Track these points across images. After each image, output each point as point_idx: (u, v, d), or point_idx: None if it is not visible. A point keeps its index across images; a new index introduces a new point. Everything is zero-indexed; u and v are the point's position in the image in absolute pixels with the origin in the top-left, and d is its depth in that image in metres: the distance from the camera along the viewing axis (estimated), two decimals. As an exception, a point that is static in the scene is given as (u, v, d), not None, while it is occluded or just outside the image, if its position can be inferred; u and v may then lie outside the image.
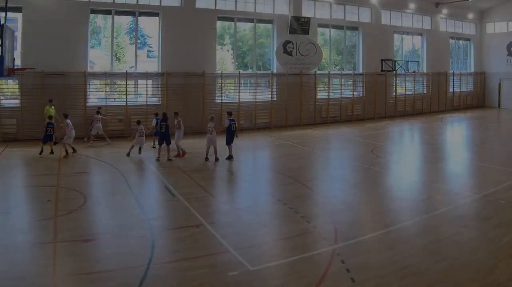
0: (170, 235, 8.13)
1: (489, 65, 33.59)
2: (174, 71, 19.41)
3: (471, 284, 6.22)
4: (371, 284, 6.17)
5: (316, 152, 16.52)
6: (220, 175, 13.11)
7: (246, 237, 7.94)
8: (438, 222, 8.85)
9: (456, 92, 31.84)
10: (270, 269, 6.75)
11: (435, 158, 15.88)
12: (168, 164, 13.75)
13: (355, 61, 26.61)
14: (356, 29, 26.23)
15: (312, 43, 23.49)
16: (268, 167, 14.70)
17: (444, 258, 6.99)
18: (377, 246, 7.62)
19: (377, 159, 15.16)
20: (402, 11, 28.11)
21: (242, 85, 21.88)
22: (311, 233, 8.23)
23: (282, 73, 22.73)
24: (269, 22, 22.94)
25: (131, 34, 19.79)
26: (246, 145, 17.17)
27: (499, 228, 8.44)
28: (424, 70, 29.46)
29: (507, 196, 10.61)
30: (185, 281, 6.21)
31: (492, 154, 16.81)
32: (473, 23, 33.20)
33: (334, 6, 24.92)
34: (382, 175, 13.22)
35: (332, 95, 24.82)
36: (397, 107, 27.77)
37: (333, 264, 6.78)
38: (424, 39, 29.71)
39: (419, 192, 11.52)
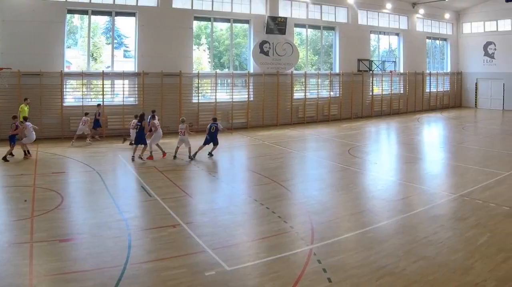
0: (146, 235, 8.56)
1: (466, 65, 36.12)
2: (151, 71, 20.77)
3: (448, 284, 6.63)
4: (348, 284, 6.57)
5: (293, 152, 17.64)
6: (197, 175, 13.98)
7: (223, 237, 8.43)
8: (415, 222, 9.46)
9: (433, 92, 34.22)
10: (247, 269, 7.13)
11: (412, 157, 16.91)
12: (145, 163, 14.76)
13: (331, 61, 28.52)
14: (333, 29, 28.10)
15: (288, 43, 25.15)
16: (245, 167, 15.63)
17: (421, 258, 7.48)
18: (354, 246, 8.13)
19: (354, 159, 16.24)
20: (378, 11, 30.18)
21: (218, 85, 23.44)
22: (288, 233, 8.73)
23: (258, 73, 24.36)
24: (246, 22, 24.53)
25: (108, 34, 21.08)
26: (223, 144, 18.27)
27: (476, 228, 9.04)
28: (400, 70, 31.67)
29: (484, 196, 11.33)
30: (161, 281, 6.59)
31: (468, 154, 17.86)
32: (450, 23, 35.62)
33: (311, 6, 26.70)
34: (359, 175, 14.13)
35: (308, 95, 26.64)
36: (374, 107, 29.73)
37: (310, 264, 7.22)
38: (401, 39, 31.92)
39: (396, 191, 12.27)
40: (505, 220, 9.51)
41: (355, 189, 12.44)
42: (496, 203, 10.73)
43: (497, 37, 33.72)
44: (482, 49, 34.76)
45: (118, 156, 15.98)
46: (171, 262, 7.23)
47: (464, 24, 36.21)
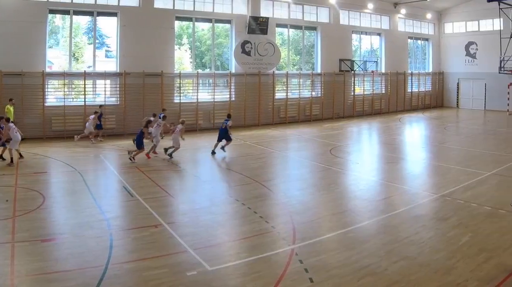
0: (128, 235, 8.97)
1: (448, 65, 38.16)
2: (133, 71, 21.88)
3: (429, 284, 6.97)
4: (330, 284, 6.91)
5: (275, 152, 18.53)
6: (179, 175, 14.71)
7: (205, 237, 8.86)
8: (396, 222, 9.94)
9: (415, 92, 36.14)
10: (229, 269, 7.49)
11: (394, 157, 17.79)
12: (127, 163, 15.51)
13: (313, 61, 30.09)
14: (315, 29, 29.63)
15: (270, 43, 26.50)
16: (227, 167, 16.24)
17: (403, 257, 7.89)
18: (336, 246, 8.56)
19: (335, 159, 17.03)
20: (360, 11, 31.88)
21: (200, 85, 24.63)
22: (270, 233, 9.18)
23: (240, 73, 25.69)
24: (228, 22, 25.84)
25: (90, 34, 22.15)
26: (204, 144, 19.41)
27: (457, 228, 9.51)
28: (382, 70, 33.50)
29: (466, 196, 11.90)
30: (143, 281, 6.93)
31: (450, 154, 18.67)
32: (432, 23, 37.58)
33: (293, 6, 28.15)
34: (340, 175, 14.83)
35: (290, 95, 28.11)
36: (356, 107, 31.35)
37: (292, 264, 7.60)
38: (383, 39, 33.73)
39: (378, 191, 12.86)
40: (486, 220, 10.00)
41: (337, 189, 13.11)
42: (478, 203, 11.26)
43: (479, 37, 35.70)
44: (464, 49, 36.74)
45: (100, 156, 16.83)
46: (153, 262, 7.61)
47: (445, 24, 38.24)
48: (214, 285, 6.86)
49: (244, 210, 10.67)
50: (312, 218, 10.20)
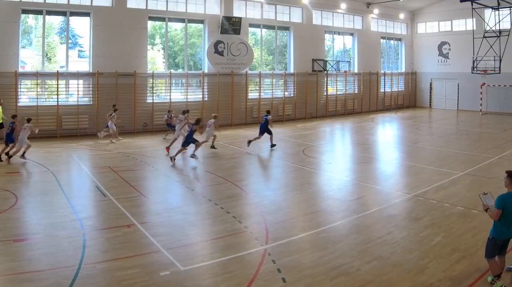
0: (101, 235, 9.48)
1: (420, 65, 41.00)
2: (105, 71, 23.48)
3: (402, 284, 7.39)
4: (302, 284, 7.33)
5: (248, 152, 19.44)
6: (151, 174, 15.39)
7: (178, 237, 9.39)
8: (369, 222, 10.54)
9: (387, 92, 38.85)
10: (202, 269, 7.94)
11: (367, 157, 18.84)
12: (100, 163, 16.65)
13: (286, 61, 32.30)
14: (288, 29, 31.80)
15: (243, 43, 28.42)
16: (200, 167, 17.04)
17: (376, 257, 8.38)
18: (309, 246, 9.09)
19: (308, 159, 18.03)
20: (333, 11, 34.27)
21: (173, 85, 26.42)
22: (242, 233, 9.71)
23: (213, 73, 27.57)
24: (200, 22, 27.71)
25: (62, 34, 23.60)
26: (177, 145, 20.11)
27: (430, 228, 10.09)
28: (355, 70, 35.99)
29: (438, 195, 12.60)
30: (116, 281, 7.30)
31: (423, 154, 19.79)
32: (405, 23, 40.37)
33: (265, 6, 30.24)
34: (313, 175, 15.69)
35: (263, 95, 30.21)
36: (328, 107, 33.60)
37: (265, 264, 8.07)
38: (355, 39, 36.25)
39: (351, 191, 13.59)
40: (459, 220, 10.60)
41: (310, 189, 13.87)
42: (451, 203, 11.93)
43: (452, 37, 38.53)
44: (437, 49, 39.57)
45: (73, 156, 17.91)
46: (126, 262, 8.06)
47: (418, 24, 41.10)
48: (187, 285, 7.28)
49: (217, 210, 11.30)
50: (285, 218, 10.85)
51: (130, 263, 8.05)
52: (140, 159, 17.49)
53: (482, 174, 15.25)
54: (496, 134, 25.21)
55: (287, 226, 10.28)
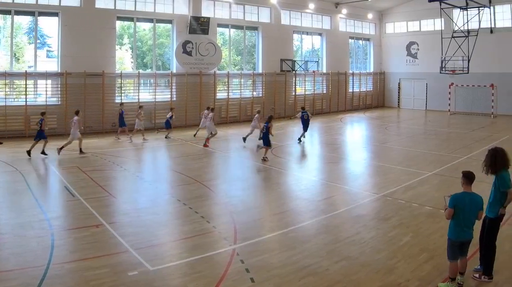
0: (69, 235, 9.96)
1: (389, 65, 43.96)
2: (74, 71, 25.11)
3: (371, 284, 7.79)
4: (271, 284, 7.73)
5: (216, 152, 20.65)
6: (120, 174, 16.22)
7: (146, 237, 9.90)
8: (338, 222, 11.11)
9: (356, 92, 41.63)
10: (170, 269, 8.36)
11: (335, 157, 19.82)
12: (69, 163, 17.58)
13: (254, 61, 34.61)
14: (256, 29, 34.07)
15: (211, 43, 30.42)
16: (168, 167, 18.18)
17: (344, 257, 8.83)
18: (277, 246, 9.57)
19: (277, 159, 18.92)
20: (301, 11, 36.75)
21: (141, 85, 28.22)
22: (211, 233, 10.25)
23: (181, 73, 29.50)
24: (169, 22, 29.61)
25: (31, 34, 25.07)
26: (146, 144, 22.10)
27: (398, 228, 10.64)
28: (323, 70, 38.55)
29: (407, 196, 13.30)
30: (84, 281, 7.68)
31: (391, 154, 20.84)
32: (373, 23, 43.30)
33: (234, 6, 32.37)
34: (282, 175, 16.47)
35: (231, 95, 32.37)
36: (297, 108, 35.76)
37: (233, 264, 8.49)
38: (324, 39, 38.87)
39: (319, 191, 14.35)
40: (427, 220, 11.20)
41: (278, 189, 14.59)
42: (419, 203, 12.60)
43: (420, 37, 41.40)
44: (405, 49, 42.48)
45: (41, 155, 18.64)
46: (94, 262, 8.47)
47: (387, 24, 44.07)
48: (156, 285, 7.70)
49: (185, 210, 11.93)
50: (254, 218, 11.43)
51: (98, 263, 8.47)
52: (108, 159, 18.51)
53: (450, 174, 16.08)
54: (464, 134, 26.69)
55: (255, 226, 10.87)
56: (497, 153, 8.04)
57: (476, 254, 8.53)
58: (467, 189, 7.59)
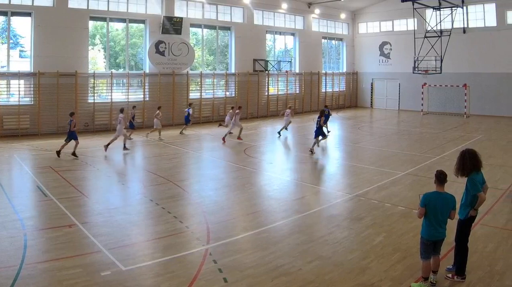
0: (42, 235, 10.22)
1: (362, 65, 46.09)
2: (47, 71, 26.29)
3: (343, 284, 8.01)
4: (244, 284, 7.96)
5: (189, 152, 21.48)
6: (93, 175, 16.81)
7: (119, 237, 10.20)
8: (311, 222, 11.52)
9: (329, 92, 43.69)
10: (143, 269, 8.63)
11: (308, 157, 20.33)
12: (41, 163, 18.12)
13: (227, 61, 36.22)
14: (229, 29, 35.74)
15: (184, 43, 31.90)
16: (141, 167, 18.80)
17: (317, 257, 9.13)
18: (250, 246, 9.85)
19: (249, 159, 19.78)
20: (274, 11, 38.56)
21: (114, 85, 29.51)
22: (184, 233, 10.60)
23: (154, 73, 30.93)
24: (142, 22, 31.01)
25: (3, 34, 26.16)
26: (119, 144, 22.17)
27: (371, 228, 10.98)
28: (296, 70, 40.42)
29: (380, 195, 13.74)
30: (57, 281, 7.87)
31: (364, 154, 21.59)
32: (346, 23, 45.47)
33: (207, 6, 33.92)
34: (255, 175, 17.13)
35: (204, 95, 33.92)
36: (270, 107, 37.69)
37: (206, 264, 8.77)
38: (297, 39, 40.77)
39: (292, 191, 14.94)
40: (400, 220, 11.53)
41: (251, 188, 15.07)
42: (392, 203, 13.03)
43: (393, 37, 43.47)
44: (378, 49, 44.61)
45: (14, 156, 19.42)
46: (67, 262, 8.71)
47: (360, 24, 46.22)
48: (128, 285, 7.90)
49: (158, 210, 12.38)
50: (226, 218, 11.86)
51: (71, 263, 8.72)
52: (81, 159, 19.13)
53: (423, 174, 16.73)
54: (437, 134, 27.81)
55: (228, 226, 11.28)
56: (466, 155, 8.27)
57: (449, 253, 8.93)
58: (440, 189, 7.88)
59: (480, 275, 8.45)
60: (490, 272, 8.62)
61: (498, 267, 8.81)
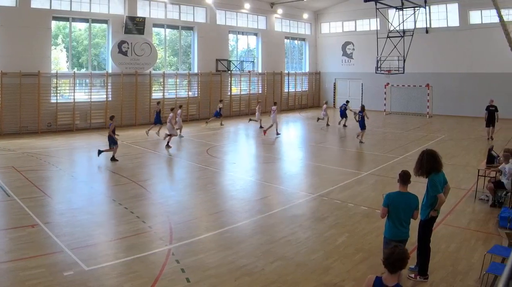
0: (4, 235, 10.51)
1: (324, 65, 48.65)
2: (9, 71, 27.66)
3: (306, 284, 8.36)
4: (207, 284, 8.27)
5: (152, 152, 22.36)
6: (56, 175, 17.35)
7: (82, 237, 10.55)
8: (273, 222, 11.95)
9: (292, 92, 46.06)
10: (106, 269, 8.87)
11: (271, 157, 21.34)
12: (4, 163, 18.74)
13: (190, 61, 38.12)
14: (191, 29, 37.71)
15: (147, 43, 33.69)
16: (104, 167, 19.11)
17: (280, 257, 9.47)
18: (213, 246, 10.21)
19: (212, 159, 20.51)
20: (237, 11, 40.79)
21: (77, 85, 31.03)
22: (147, 233, 11.00)
23: (117, 73, 32.60)
24: (104, 22, 32.68)
25: (-34, 34, 27.40)
26: (81, 145, 23.93)
27: (334, 228, 11.41)
28: (259, 70, 42.68)
29: (343, 196, 14.30)
30: (20, 281, 8.12)
31: (327, 154, 22.45)
32: (308, 23, 48.08)
33: (169, 6, 35.79)
34: (217, 175, 17.84)
35: (167, 95, 35.74)
36: (232, 107, 39.83)
37: (169, 264, 9.05)
38: (259, 39, 43.15)
39: (255, 191, 15.50)
40: (363, 220, 12.02)
41: (214, 189, 15.73)
42: (355, 203, 13.59)
43: (355, 37, 45.93)
44: (341, 49, 47.11)
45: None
46: (30, 262, 8.97)
47: (322, 24, 48.77)
48: (91, 285, 8.18)
49: (121, 210, 12.77)
50: (189, 218, 12.34)
51: (34, 263, 8.99)
52: (44, 159, 19.85)
53: (386, 173, 17.40)
54: (400, 134, 29.21)
55: (191, 226, 11.70)
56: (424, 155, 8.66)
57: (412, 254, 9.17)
58: (402, 189, 8.14)
59: (443, 275, 8.88)
60: (453, 272, 9.05)
61: (461, 267, 9.24)
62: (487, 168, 14.96)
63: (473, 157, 21.27)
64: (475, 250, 10.11)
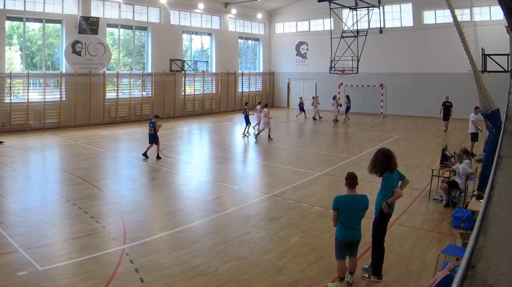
0: None
1: (278, 65, 51.30)
2: (-37, 71, 29.19)
3: (260, 284, 8.78)
4: (160, 284, 8.65)
5: (105, 152, 23.26)
6: (10, 175, 17.78)
7: (35, 237, 10.82)
8: (227, 222, 12.38)
9: (245, 92, 48.62)
10: (60, 269, 9.21)
11: (224, 157, 22.09)
12: None
13: (144, 61, 40.31)
14: (145, 29, 39.90)
15: (101, 43, 35.71)
16: (57, 167, 19.86)
17: (233, 258, 9.85)
18: (166, 246, 10.57)
19: (166, 159, 21.18)
20: (191, 11, 43.18)
21: (31, 85, 32.78)
22: (100, 233, 11.32)
23: (71, 73, 34.46)
24: (58, 22, 34.51)
25: None
26: (35, 145, 24.81)
27: (288, 228, 11.84)
28: (213, 70, 45.10)
29: (296, 195, 14.79)
30: None
31: (281, 154, 23.32)
32: (262, 23, 50.83)
33: (123, 6, 37.85)
34: (171, 175, 18.44)
35: (121, 95, 37.77)
36: (186, 107, 42.18)
37: (122, 264, 9.42)
38: (213, 39, 45.60)
39: (209, 191, 16.08)
40: (316, 220, 12.48)
41: (168, 189, 16.30)
42: (308, 203, 14.06)
43: (309, 37, 48.57)
44: (295, 49, 49.72)
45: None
46: None
47: (276, 24, 51.42)
48: (45, 285, 8.40)
49: (74, 210, 13.21)
50: (143, 218, 12.77)
51: None
52: None
53: (340, 173, 17.42)
54: (354, 134, 30.59)
55: (145, 226, 12.12)
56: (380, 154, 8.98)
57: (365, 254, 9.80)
58: (351, 192, 8.54)
59: (396, 275, 9.22)
60: (407, 272, 9.41)
61: (415, 267, 9.62)
62: (441, 168, 15.85)
63: (427, 157, 22.32)
64: (429, 250, 10.56)
